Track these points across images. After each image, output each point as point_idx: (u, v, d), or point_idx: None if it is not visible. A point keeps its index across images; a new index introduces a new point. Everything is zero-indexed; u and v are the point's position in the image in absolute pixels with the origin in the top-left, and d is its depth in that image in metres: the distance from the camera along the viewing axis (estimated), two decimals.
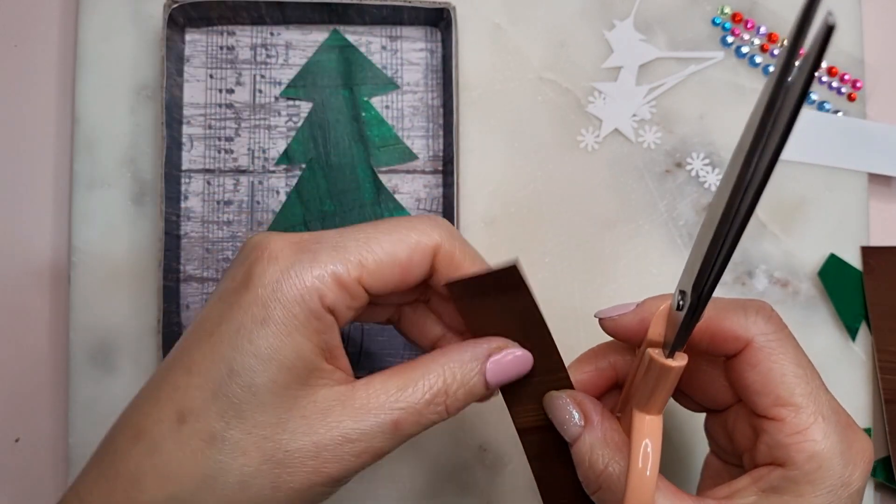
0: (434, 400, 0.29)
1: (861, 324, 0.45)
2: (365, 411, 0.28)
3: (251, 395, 0.27)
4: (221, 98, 0.45)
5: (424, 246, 0.30)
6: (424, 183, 0.45)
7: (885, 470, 0.44)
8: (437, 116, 0.45)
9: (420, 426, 0.29)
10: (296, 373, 0.28)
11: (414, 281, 0.30)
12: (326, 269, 0.28)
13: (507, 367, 0.30)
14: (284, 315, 0.27)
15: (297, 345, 0.28)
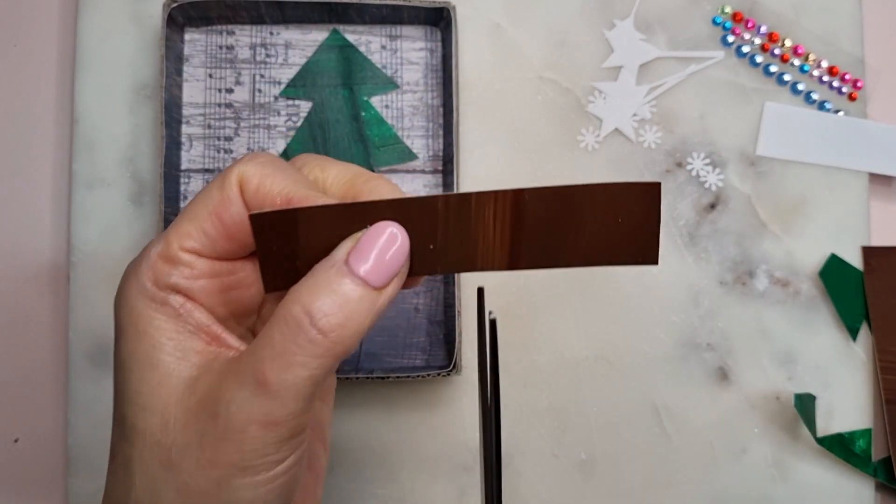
0: (297, 329, 0.24)
1: (862, 324, 0.45)
2: (236, 378, 0.25)
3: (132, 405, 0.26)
4: (221, 98, 0.45)
5: (227, 181, 0.27)
6: (424, 182, 0.45)
7: (885, 470, 0.44)
8: (437, 116, 0.45)
9: (297, 367, 0.24)
10: (162, 367, 0.26)
11: (237, 222, 0.27)
12: (149, 256, 0.27)
13: (383, 251, 0.26)
14: (129, 318, 0.26)
15: (151, 339, 0.26)
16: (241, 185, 0.27)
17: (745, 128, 0.46)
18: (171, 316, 0.26)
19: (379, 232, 0.26)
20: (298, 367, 0.24)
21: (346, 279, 0.25)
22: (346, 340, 0.25)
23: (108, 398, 0.44)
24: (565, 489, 0.44)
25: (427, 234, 0.26)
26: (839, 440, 0.44)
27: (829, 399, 0.45)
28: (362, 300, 0.25)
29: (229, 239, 0.27)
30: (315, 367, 0.24)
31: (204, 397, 0.25)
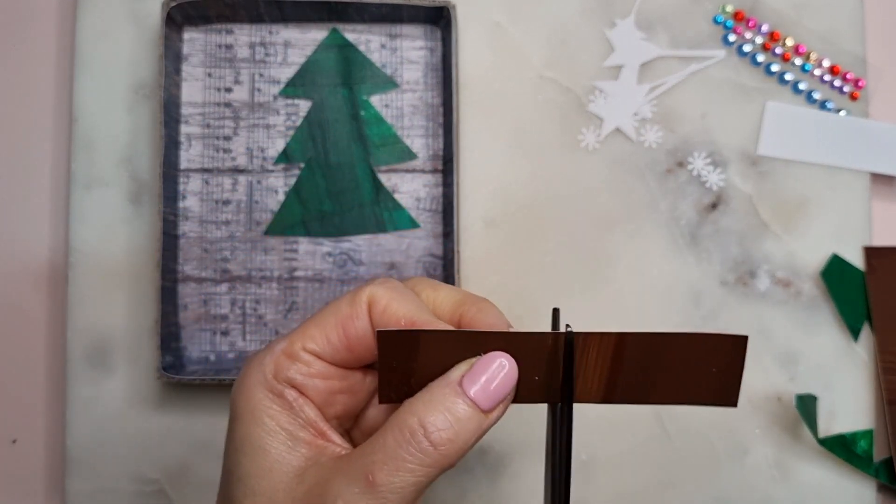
0: (410, 438, 0.27)
1: (863, 324, 0.45)
2: (344, 476, 0.27)
3: (243, 487, 0.28)
4: (220, 97, 0.45)
5: (357, 299, 0.30)
6: (424, 182, 0.45)
7: (887, 471, 0.44)
8: (437, 115, 0.45)
9: (403, 473, 0.27)
10: (273, 453, 0.28)
11: (360, 336, 0.30)
12: (273, 351, 0.30)
13: (493, 377, 0.28)
14: (247, 404, 0.29)
15: (265, 426, 0.28)
16: (369, 304, 0.30)
17: (747, 127, 0.46)
18: (286, 407, 0.29)
19: (491, 360, 0.28)
20: (407, 473, 0.27)
21: (459, 399, 0.28)
22: (453, 455, 0.27)
23: (106, 398, 0.44)
24: None
25: (534, 366, 0.29)
26: (841, 441, 0.44)
27: (831, 400, 0.45)
28: (471, 420, 0.28)
29: (349, 350, 0.30)
30: (421, 475, 0.27)
31: (311, 488, 0.27)
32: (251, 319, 0.44)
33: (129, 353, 0.44)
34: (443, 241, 0.45)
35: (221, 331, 0.44)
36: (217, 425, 0.44)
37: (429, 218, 0.45)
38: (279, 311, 0.44)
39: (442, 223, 0.45)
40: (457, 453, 0.27)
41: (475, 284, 0.45)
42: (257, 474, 0.28)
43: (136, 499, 0.44)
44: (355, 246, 0.45)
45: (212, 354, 0.44)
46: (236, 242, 0.44)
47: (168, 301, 0.42)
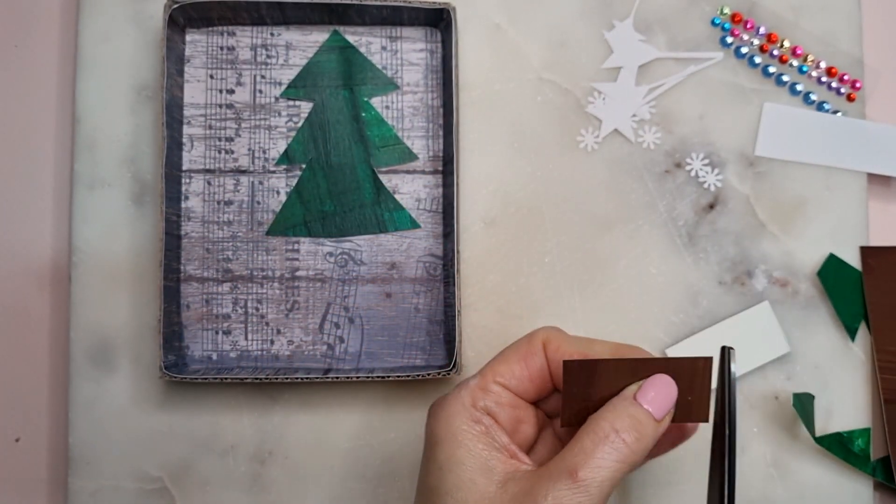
0: (605, 439, 0.32)
1: (860, 324, 0.45)
2: (548, 478, 0.32)
3: (450, 499, 0.33)
4: (222, 98, 0.45)
5: (533, 339, 0.36)
6: (424, 183, 0.45)
7: (884, 469, 0.44)
8: (437, 116, 0.45)
9: (603, 469, 0.32)
10: (475, 469, 0.33)
11: (538, 369, 0.36)
12: (467, 386, 0.36)
13: (660, 393, 0.34)
14: (449, 431, 0.34)
15: (466, 447, 0.34)
16: (544, 343, 0.36)
17: (744, 128, 0.47)
18: (483, 432, 0.34)
19: (656, 379, 0.34)
20: (605, 469, 0.32)
21: (639, 409, 0.33)
22: (639, 452, 0.33)
23: (108, 398, 0.44)
24: None
25: (688, 387, 0.35)
26: (838, 440, 0.44)
27: (828, 399, 0.45)
28: (649, 424, 0.33)
29: (530, 380, 0.36)
30: (616, 469, 0.32)
31: (516, 494, 0.32)
32: (253, 319, 0.44)
33: (131, 353, 0.44)
34: (443, 241, 0.45)
35: (224, 330, 0.44)
36: (219, 424, 0.44)
37: (429, 218, 0.45)
38: (281, 310, 0.45)
39: (442, 223, 0.45)
40: (642, 452, 0.33)
41: (475, 284, 0.45)
42: (462, 486, 0.33)
43: (138, 497, 0.44)
44: (356, 246, 0.45)
45: (214, 354, 0.44)
46: (238, 242, 0.45)
47: (170, 300, 0.43)
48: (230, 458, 0.44)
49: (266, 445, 0.44)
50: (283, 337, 0.44)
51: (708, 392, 0.35)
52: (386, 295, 0.45)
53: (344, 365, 0.44)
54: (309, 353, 0.44)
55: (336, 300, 0.45)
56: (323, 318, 0.45)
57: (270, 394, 0.45)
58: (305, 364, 0.44)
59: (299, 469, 0.44)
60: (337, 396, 0.45)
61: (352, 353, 0.44)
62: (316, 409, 0.45)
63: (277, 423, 0.44)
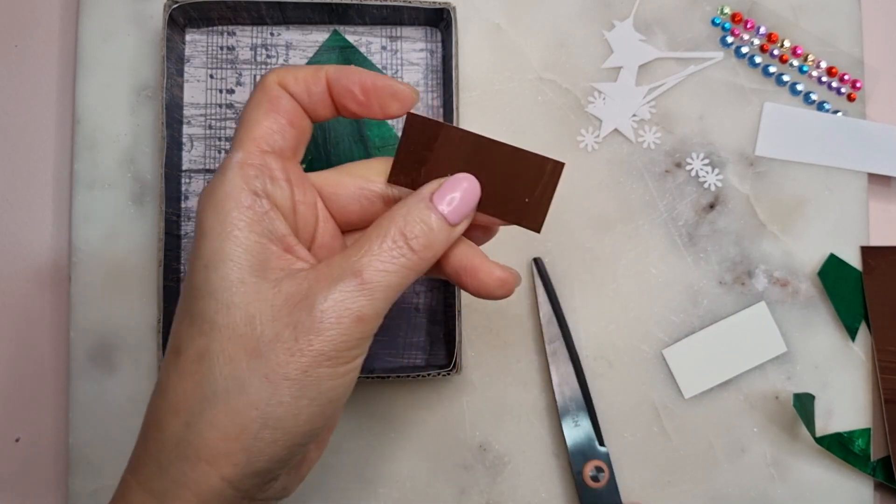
0: (393, 245, 0.30)
1: (861, 324, 0.45)
2: (329, 280, 0.29)
3: (215, 301, 0.28)
4: (222, 98, 0.45)
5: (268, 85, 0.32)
6: None
7: (884, 469, 0.44)
8: (438, 116, 0.45)
9: (389, 274, 0.29)
10: (246, 266, 0.29)
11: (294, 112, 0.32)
12: (230, 164, 0.30)
13: (462, 197, 0.31)
14: (216, 219, 0.29)
15: (236, 239, 0.29)
16: (280, 84, 0.31)
17: (745, 128, 0.47)
18: (255, 219, 0.29)
19: (462, 179, 0.32)
20: (391, 274, 0.29)
21: (433, 214, 0.31)
22: (428, 260, 0.30)
23: (108, 397, 0.44)
24: (565, 489, 0.45)
25: (528, 187, 0.32)
26: (838, 440, 0.44)
27: (828, 399, 0.45)
28: (441, 231, 0.31)
29: (291, 126, 0.31)
30: (402, 276, 0.30)
31: (291, 295, 0.28)
32: None
33: (131, 353, 0.44)
34: None
35: None
36: None
37: None
38: None
39: None
40: (430, 259, 0.31)
41: None
42: (229, 287, 0.28)
43: None
44: None
45: None
46: None
47: (170, 301, 0.43)
48: None
49: None
50: None
51: (548, 199, 0.32)
52: None
53: None
54: None
55: None
56: None
57: None
58: None
59: None
60: None
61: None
62: None
63: None
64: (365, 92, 0.32)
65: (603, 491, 0.43)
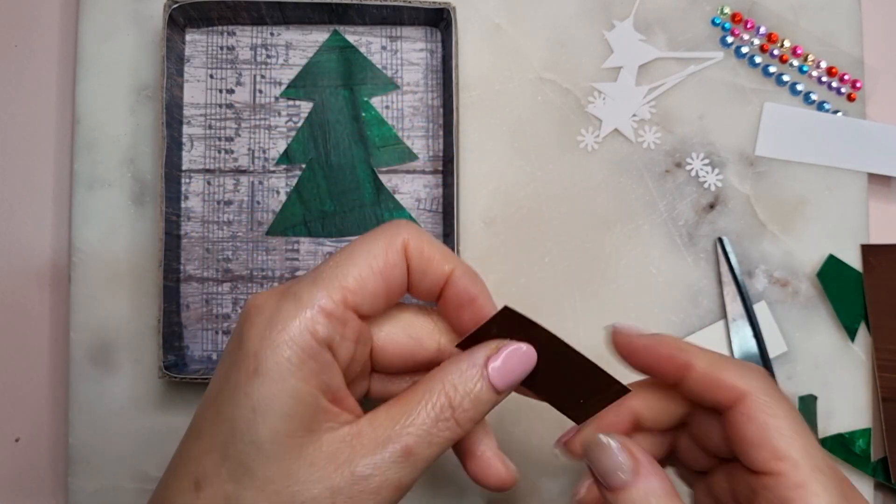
0: (441, 416, 0.28)
1: (860, 324, 0.45)
2: (373, 445, 0.28)
3: (256, 450, 0.27)
4: (222, 98, 0.45)
5: (394, 244, 0.30)
6: (424, 183, 0.45)
7: (884, 470, 0.44)
8: (437, 116, 0.45)
9: (434, 446, 0.28)
10: (297, 419, 0.27)
11: (398, 285, 0.30)
12: (311, 304, 0.28)
13: (510, 365, 0.30)
14: (276, 362, 0.27)
15: (293, 390, 0.27)
16: (405, 246, 0.30)
17: (745, 128, 0.47)
18: (318, 372, 0.28)
19: (521, 350, 0.30)
20: (436, 447, 0.28)
21: (483, 384, 0.29)
22: (468, 431, 0.29)
23: (108, 398, 0.44)
24: (565, 489, 0.45)
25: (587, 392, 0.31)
26: (839, 440, 0.44)
27: (829, 399, 0.45)
28: (488, 402, 0.29)
29: (386, 299, 0.30)
30: (445, 446, 0.29)
31: (333, 456, 0.27)
32: None
33: (131, 352, 0.44)
34: (443, 241, 0.45)
35: (223, 330, 0.44)
36: None
37: (429, 218, 0.45)
38: None
39: (442, 223, 0.45)
40: (471, 429, 0.29)
41: None
42: (277, 440, 0.27)
43: (138, 497, 0.44)
44: None
45: (214, 353, 0.44)
46: (238, 242, 0.45)
47: (170, 300, 0.43)
48: None
49: None
50: None
51: (600, 409, 0.32)
52: None
53: None
54: None
55: None
56: None
57: None
58: None
59: None
60: None
61: None
62: None
63: None
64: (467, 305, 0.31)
65: None
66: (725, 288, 0.45)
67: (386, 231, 0.30)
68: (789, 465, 0.28)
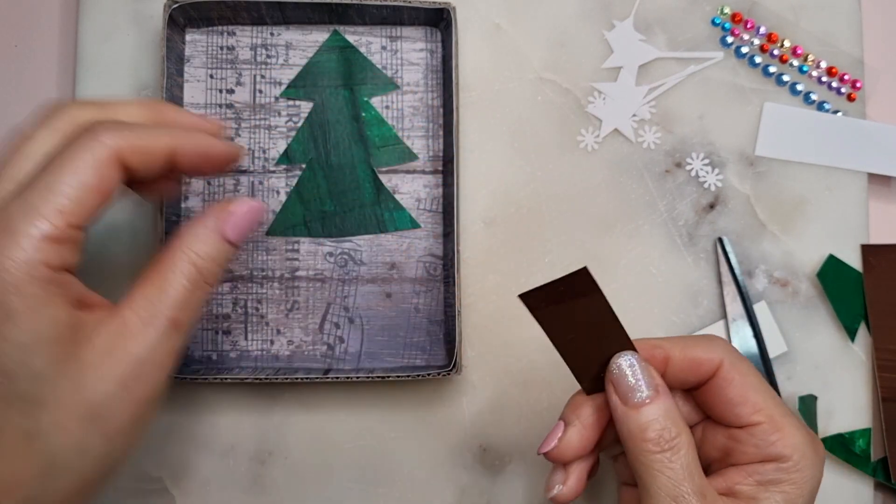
0: (192, 283, 0.31)
1: (860, 324, 0.45)
2: (142, 327, 0.30)
3: (40, 382, 0.28)
4: (221, 98, 0.45)
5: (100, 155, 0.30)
6: (424, 183, 0.45)
7: (884, 470, 0.44)
8: (437, 116, 0.45)
9: (193, 310, 0.32)
10: (64, 340, 0.29)
11: (114, 188, 0.30)
12: (35, 236, 0.28)
13: (242, 222, 0.33)
14: (22, 302, 0.28)
15: (49, 318, 0.28)
16: (119, 157, 0.30)
17: (745, 128, 0.47)
18: (58, 294, 0.29)
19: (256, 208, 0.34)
20: (196, 309, 0.32)
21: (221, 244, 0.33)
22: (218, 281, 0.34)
23: None
24: None
25: None
26: (840, 440, 0.44)
27: (829, 399, 0.45)
28: (229, 256, 0.33)
29: (104, 198, 0.30)
30: (203, 304, 0.33)
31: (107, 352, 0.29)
32: (253, 319, 0.44)
33: None
34: (443, 241, 0.45)
35: (223, 330, 0.44)
36: (219, 424, 0.44)
37: (429, 218, 0.45)
38: (281, 310, 0.45)
39: (442, 223, 0.45)
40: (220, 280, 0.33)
41: (475, 284, 0.45)
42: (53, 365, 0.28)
43: (138, 497, 0.44)
44: (356, 246, 0.45)
45: (214, 354, 0.44)
46: None
47: None
48: (230, 458, 0.44)
49: (266, 446, 0.44)
50: (283, 337, 0.44)
51: None
52: (386, 295, 0.45)
53: (344, 365, 0.44)
54: (309, 353, 0.44)
55: (336, 300, 0.45)
56: (323, 318, 0.45)
57: (271, 394, 0.45)
58: (305, 364, 0.44)
59: (299, 469, 0.44)
60: (337, 397, 0.45)
61: (352, 353, 0.44)
62: (316, 410, 0.45)
63: (277, 423, 0.44)
64: (207, 161, 0.34)
65: None
66: (725, 288, 0.45)
67: (82, 139, 0.29)
68: (766, 416, 0.34)
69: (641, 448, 0.32)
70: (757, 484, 0.33)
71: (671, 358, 0.35)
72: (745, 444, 0.34)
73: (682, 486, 0.31)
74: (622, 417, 0.33)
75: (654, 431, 0.32)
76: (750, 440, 0.34)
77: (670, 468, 0.32)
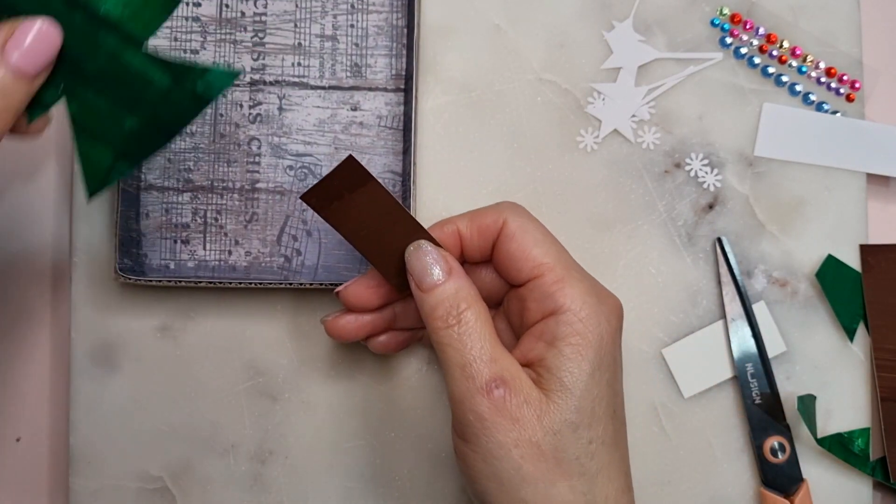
0: None
1: (859, 324, 0.45)
2: None
3: None
4: (188, 11, 0.45)
5: None
6: (386, 101, 0.45)
7: (883, 469, 0.44)
8: (402, 36, 0.46)
9: None
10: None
11: None
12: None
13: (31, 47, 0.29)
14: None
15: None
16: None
17: (744, 128, 0.47)
18: None
19: (47, 33, 0.30)
20: None
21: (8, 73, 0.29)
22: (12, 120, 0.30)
23: (110, 397, 0.44)
24: None
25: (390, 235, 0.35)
26: (839, 440, 0.44)
27: (828, 399, 0.45)
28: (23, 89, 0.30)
29: None
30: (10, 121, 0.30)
31: None
32: (212, 229, 0.45)
33: (132, 352, 0.44)
34: (402, 157, 0.45)
35: (182, 239, 0.45)
36: (219, 423, 0.44)
37: (390, 135, 0.45)
38: (240, 221, 0.45)
39: (402, 140, 0.45)
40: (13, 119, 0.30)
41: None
42: None
43: (139, 496, 0.44)
44: (316, 160, 0.45)
45: (171, 263, 0.44)
46: (200, 153, 0.45)
47: (129, 208, 0.43)
48: (231, 457, 0.44)
49: (266, 445, 0.44)
50: (241, 248, 0.45)
51: None
52: None
53: (301, 278, 0.44)
54: (266, 264, 0.45)
55: (294, 213, 0.45)
56: (281, 230, 0.45)
57: (271, 393, 0.45)
58: (262, 276, 0.44)
59: (300, 469, 0.44)
60: (336, 398, 0.45)
61: (308, 266, 0.45)
62: (316, 409, 0.45)
63: (278, 422, 0.45)
64: None
65: None
66: (724, 288, 0.45)
67: None
68: (547, 269, 0.35)
69: (433, 327, 0.34)
70: (546, 344, 0.34)
71: (462, 231, 0.36)
72: (529, 301, 0.35)
73: (468, 354, 0.32)
74: (419, 302, 0.34)
75: (442, 309, 0.33)
76: (531, 296, 0.35)
77: (458, 340, 0.33)
